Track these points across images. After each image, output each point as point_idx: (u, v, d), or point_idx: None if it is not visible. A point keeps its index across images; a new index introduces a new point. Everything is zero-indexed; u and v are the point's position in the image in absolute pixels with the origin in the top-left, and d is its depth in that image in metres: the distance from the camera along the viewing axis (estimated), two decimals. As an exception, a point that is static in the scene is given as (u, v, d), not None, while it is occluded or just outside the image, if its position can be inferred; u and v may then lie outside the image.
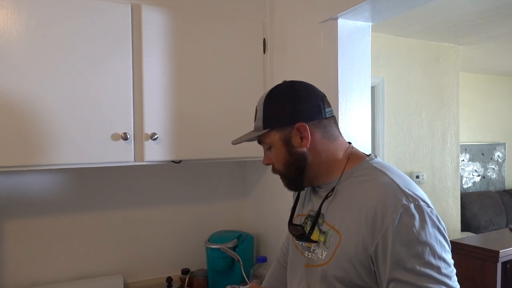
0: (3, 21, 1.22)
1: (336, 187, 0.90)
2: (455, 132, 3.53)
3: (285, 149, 0.91)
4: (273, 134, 0.92)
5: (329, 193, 0.90)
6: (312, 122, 0.90)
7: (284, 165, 0.93)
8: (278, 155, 0.93)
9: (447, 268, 0.76)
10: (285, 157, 0.92)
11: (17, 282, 1.53)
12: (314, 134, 0.90)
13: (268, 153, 0.96)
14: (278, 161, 0.94)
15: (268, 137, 0.93)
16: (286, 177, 0.95)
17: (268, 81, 1.65)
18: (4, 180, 1.52)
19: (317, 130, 0.91)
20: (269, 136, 0.93)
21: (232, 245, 1.68)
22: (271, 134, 0.92)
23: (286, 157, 0.92)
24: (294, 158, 0.91)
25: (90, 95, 1.33)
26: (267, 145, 0.95)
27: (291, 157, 0.91)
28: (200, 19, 1.52)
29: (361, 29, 1.38)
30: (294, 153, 0.91)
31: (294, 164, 0.92)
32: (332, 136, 0.93)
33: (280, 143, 0.91)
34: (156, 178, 1.78)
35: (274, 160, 0.95)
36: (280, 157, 0.93)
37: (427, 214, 0.78)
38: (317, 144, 0.91)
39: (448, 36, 3.22)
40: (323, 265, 0.87)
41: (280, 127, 0.91)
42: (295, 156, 0.91)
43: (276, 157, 0.94)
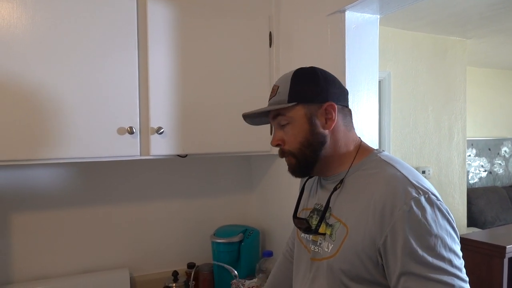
0: (8, 15, 1.21)
1: (344, 180, 0.89)
2: (462, 127, 3.50)
3: (307, 127, 0.88)
4: (298, 109, 0.88)
5: (337, 185, 0.89)
6: (338, 105, 0.89)
7: (301, 144, 0.88)
8: (297, 133, 0.88)
9: (458, 260, 0.76)
10: (305, 136, 0.88)
11: (24, 275, 1.54)
12: (338, 119, 0.89)
13: (280, 132, 0.91)
14: (295, 140, 0.89)
15: (292, 112, 0.88)
16: (298, 159, 0.90)
17: (274, 75, 1.64)
18: (11, 174, 1.52)
19: (340, 115, 0.90)
20: (293, 111, 0.88)
21: (237, 240, 1.68)
22: (296, 108, 0.88)
23: (306, 136, 0.88)
24: (314, 139, 0.88)
25: (95, 89, 1.32)
26: (285, 120, 0.89)
27: (311, 137, 0.88)
28: (205, 12, 1.51)
29: (369, 21, 1.36)
30: (316, 133, 0.88)
31: (312, 145, 0.88)
32: (349, 126, 0.93)
33: (304, 120, 0.88)
34: (162, 172, 1.78)
35: (289, 139, 0.89)
36: (299, 136, 0.88)
37: (437, 206, 0.77)
38: (337, 130, 0.90)
39: (455, 30, 3.18)
40: (329, 258, 0.86)
41: (307, 103, 0.88)
42: (316, 136, 0.88)
43: (293, 135, 0.89)
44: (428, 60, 3.31)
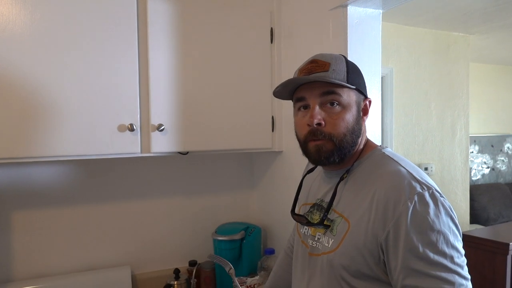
0: (8, 11, 1.20)
1: (348, 174, 0.89)
2: (464, 123, 3.48)
3: (356, 114, 0.87)
4: (353, 94, 0.86)
5: (344, 175, 0.89)
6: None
7: (346, 129, 0.84)
8: (347, 118, 0.84)
9: (460, 258, 0.75)
10: (352, 122, 0.85)
11: (24, 273, 1.53)
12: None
13: (321, 112, 0.83)
14: (342, 124, 0.83)
15: (349, 94, 0.85)
16: (336, 144, 0.84)
17: (275, 71, 1.63)
18: (11, 171, 1.51)
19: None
20: (349, 94, 0.85)
21: (239, 237, 1.68)
22: (351, 93, 0.86)
23: (353, 123, 0.86)
24: (358, 128, 0.88)
25: (96, 86, 1.31)
26: (338, 101, 0.83)
27: (356, 125, 0.87)
28: (206, 8, 1.49)
29: (371, 16, 1.34)
30: (360, 124, 0.89)
31: (355, 134, 0.86)
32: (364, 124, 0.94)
33: (355, 107, 0.87)
34: (163, 170, 1.77)
35: (336, 121, 0.83)
36: (347, 121, 0.84)
37: (441, 202, 0.77)
38: (364, 126, 0.92)
39: (458, 25, 3.16)
40: (329, 253, 0.85)
41: (360, 91, 0.89)
42: (359, 126, 0.88)
43: (342, 118, 0.84)
44: (430, 56, 3.29)
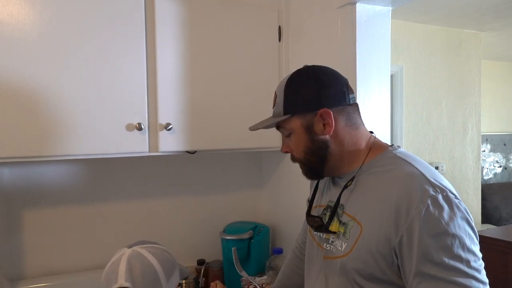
0: (17, 11, 1.21)
1: (356, 177, 0.87)
2: (476, 121, 3.43)
3: (306, 136, 0.87)
4: (294, 120, 0.88)
5: (348, 183, 0.87)
6: (335, 108, 0.86)
7: (304, 153, 0.89)
8: (299, 142, 0.89)
9: (477, 262, 0.73)
10: (306, 145, 0.88)
11: (34, 271, 1.55)
12: (338, 121, 0.86)
13: (287, 140, 0.92)
14: (298, 149, 0.90)
15: (289, 123, 0.89)
16: (306, 165, 0.91)
17: (284, 69, 1.62)
18: (22, 170, 1.53)
19: (341, 117, 0.87)
20: (290, 122, 0.88)
21: (247, 236, 1.67)
22: (292, 120, 0.88)
23: (307, 145, 0.88)
24: (316, 146, 0.87)
25: (104, 85, 1.32)
26: (287, 131, 0.91)
27: (312, 145, 0.87)
28: (213, 7, 1.49)
29: (380, 14, 1.33)
30: (316, 141, 0.87)
31: (316, 152, 0.88)
32: (355, 124, 0.90)
33: (302, 130, 0.87)
34: (171, 169, 1.78)
35: (294, 147, 0.91)
36: (300, 145, 0.89)
37: (456, 205, 0.75)
38: (340, 132, 0.87)
39: (470, 22, 3.11)
40: (343, 257, 0.84)
41: (302, 113, 0.87)
42: (317, 143, 0.87)
43: (296, 144, 0.90)
44: (441, 54, 3.24)
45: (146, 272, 0.91)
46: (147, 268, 0.92)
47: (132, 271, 0.90)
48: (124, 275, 0.90)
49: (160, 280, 0.93)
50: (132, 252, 0.95)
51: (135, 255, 0.94)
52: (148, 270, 0.92)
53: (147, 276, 0.91)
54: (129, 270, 0.90)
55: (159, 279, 0.93)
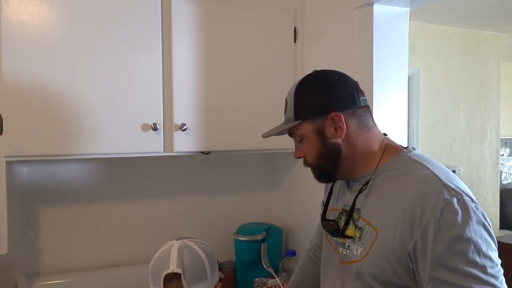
0: (37, 12, 1.24)
1: (371, 181, 0.85)
2: (495, 125, 3.36)
3: (318, 141, 0.87)
4: (305, 125, 0.88)
5: (363, 187, 0.86)
6: (346, 111, 0.85)
7: (316, 157, 0.89)
8: (311, 147, 0.89)
9: (494, 268, 0.71)
10: (318, 149, 0.88)
11: (51, 268, 1.57)
12: (349, 124, 0.86)
13: (300, 146, 0.92)
14: (310, 154, 0.90)
15: (300, 129, 0.89)
16: (318, 170, 0.91)
17: (299, 71, 1.61)
18: (40, 168, 1.56)
19: (352, 120, 0.86)
20: (301, 128, 0.89)
21: (260, 238, 1.67)
22: (303, 125, 0.88)
23: (319, 149, 0.87)
24: (328, 150, 0.87)
25: (121, 85, 1.34)
26: (299, 137, 0.91)
27: (324, 149, 0.87)
28: (229, 8, 1.49)
29: (398, 15, 1.31)
30: (328, 145, 0.86)
31: (328, 156, 0.87)
32: (367, 126, 0.88)
33: (313, 135, 0.87)
34: (185, 169, 1.79)
35: (306, 152, 0.91)
36: (312, 149, 0.89)
37: (472, 209, 0.73)
38: (352, 135, 0.86)
39: (489, 24, 3.05)
40: (358, 262, 0.83)
41: (312, 118, 0.87)
42: (328, 147, 0.86)
43: (308, 149, 0.90)
44: (459, 56, 3.19)
45: (195, 263, 0.96)
46: (196, 259, 0.97)
47: (183, 260, 0.95)
48: (176, 262, 0.95)
49: (206, 272, 0.97)
50: (182, 243, 0.99)
51: (185, 246, 0.99)
52: (197, 262, 0.96)
53: (196, 266, 0.96)
54: (180, 258, 0.95)
55: (205, 271, 0.97)
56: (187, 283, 0.94)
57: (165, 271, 0.94)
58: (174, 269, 0.93)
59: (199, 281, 0.95)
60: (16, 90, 1.22)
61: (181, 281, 0.93)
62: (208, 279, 0.97)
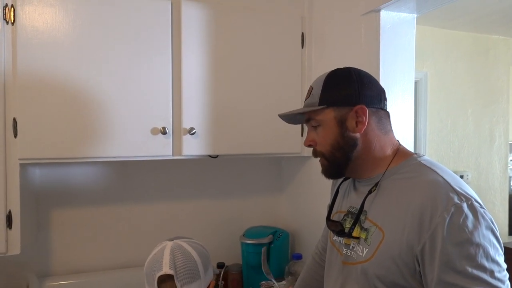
0: (51, 19, 1.27)
1: (379, 183, 0.87)
2: (504, 130, 3.33)
3: (337, 130, 0.87)
4: (328, 112, 0.87)
5: (372, 188, 0.86)
6: (371, 109, 0.87)
7: (331, 147, 0.88)
8: (328, 135, 0.88)
9: (501, 272, 0.72)
10: (335, 139, 0.87)
11: (62, 268, 1.60)
12: (370, 122, 0.87)
13: (313, 134, 0.91)
14: (326, 142, 0.89)
15: (321, 114, 0.88)
16: (329, 161, 0.90)
17: (306, 76, 1.62)
18: (52, 171, 1.59)
19: (374, 118, 0.88)
20: (323, 113, 0.88)
21: (267, 241, 1.68)
22: (326, 111, 0.87)
23: (337, 139, 0.87)
24: (345, 142, 0.87)
25: (131, 91, 1.36)
26: (316, 123, 0.89)
27: (341, 140, 0.87)
28: (237, 14, 1.52)
29: (405, 21, 1.32)
30: (346, 137, 0.87)
31: (343, 148, 0.87)
32: (385, 129, 0.90)
33: (334, 123, 0.87)
34: (193, 173, 1.81)
35: (321, 140, 0.89)
36: (329, 138, 0.88)
37: (481, 214, 0.74)
38: (370, 133, 0.87)
39: (498, 28, 3.03)
40: (364, 263, 0.84)
41: (337, 106, 0.87)
42: (346, 139, 0.87)
43: (324, 137, 0.89)
44: (468, 60, 3.17)
45: (188, 263, 0.97)
46: (189, 259, 0.98)
47: (175, 261, 0.97)
48: (168, 263, 0.96)
49: (199, 272, 0.98)
50: (174, 244, 1.01)
51: (177, 246, 1.00)
52: (189, 262, 0.98)
53: (189, 267, 0.97)
54: (172, 260, 0.97)
55: (198, 270, 0.98)
56: (180, 283, 0.96)
57: (158, 272, 0.96)
58: (167, 271, 0.95)
59: (192, 280, 0.97)
60: (30, 95, 1.26)
61: (174, 282, 0.95)
62: (201, 278, 0.99)
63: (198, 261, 0.99)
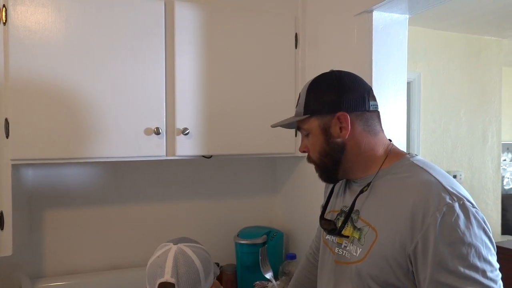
0: (44, 19, 1.26)
1: (372, 183, 0.87)
2: (496, 130, 3.36)
3: (322, 138, 0.89)
4: (312, 121, 0.90)
5: (364, 188, 0.87)
6: (354, 113, 0.87)
7: (319, 154, 0.91)
8: (315, 143, 0.91)
9: (493, 272, 0.73)
10: (321, 146, 0.90)
11: (55, 270, 1.59)
12: (355, 126, 0.88)
13: (306, 141, 0.94)
14: (314, 150, 0.92)
15: (307, 124, 0.91)
16: (320, 167, 0.93)
17: (300, 76, 1.63)
18: (44, 171, 1.58)
19: (358, 122, 0.88)
20: (308, 123, 0.91)
21: (261, 241, 1.68)
22: (310, 120, 0.90)
23: (323, 146, 0.89)
24: (331, 148, 0.89)
25: (124, 91, 1.36)
26: (305, 131, 0.93)
27: (327, 147, 0.89)
28: (231, 15, 1.52)
29: (397, 21, 1.33)
30: (331, 143, 0.88)
31: (330, 154, 0.89)
32: (373, 130, 0.90)
33: (319, 131, 0.89)
34: (187, 173, 1.81)
35: (311, 148, 0.93)
36: (316, 146, 0.91)
37: (473, 214, 0.74)
38: (356, 136, 0.88)
39: (490, 29, 3.06)
40: (357, 263, 0.84)
41: (320, 114, 0.89)
42: (332, 145, 0.88)
43: (312, 145, 0.92)
44: (460, 61, 3.20)
45: (190, 272, 0.96)
46: (191, 267, 0.96)
47: (178, 268, 0.95)
48: (170, 271, 0.94)
49: (200, 280, 0.97)
50: (178, 249, 0.99)
51: (181, 252, 0.98)
52: (192, 270, 0.96)
53: (191, 275, 0.96)
54: (175, 267, 0.95)
55: (199, 278, 0.97)
56: None
57: (160, 279, 0.94)
58: (168, 279, 0.94)
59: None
60: (22, 95, 1.25)
61: None
62: (202, 285, 0.98)
63: (200, 269, 0.97)
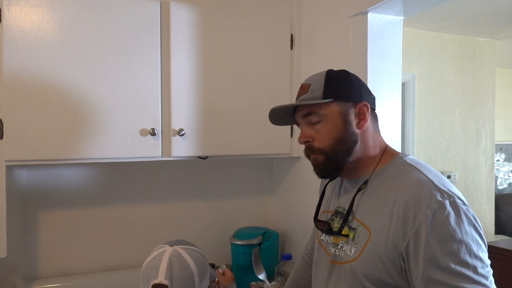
0: (38, 19, 1.26)
1: (367, 182, 0.88)
2: (490, 130, 3.39)
3: (341, 125, 0.86)
4: (333, 106, 0.87)
5: (361, 186, 0.88)
6: (371, 107, 0.91)
7: (334, 140, 0.86)
8: (331, 129, 0.86)
9: (484, 268, 0.74)
10: (339, 133, 0.86)
11: (49, 271, 1.58)
12: (369, 120, 0.90)
13: (309, 130, 0.89)
14: (328, 136, 0.86)
15: (324, 109, 0.86)
16: (329, 156, 0.87)
17: (295, 77, 1.64)
18: (39, 173, 1.57)
19: (371, 118, 0.90)
20: (328, 108, 0.86)
21: (257, 242, 1.68)
22: (331, 105, 0.86)
23: (340, 133, 0.86)
24: (348, 137, 0.86)
25: (120, 92, 1.36)
26: (318, 117, 0.87)
27: (345, 135, 0.86)
28: (227, 15, 1.52)
29: (392, 23, 1.34)
30: (349, 132, 0.87)
31: (345, 143, 0.86)
32: (377, 129, 0.93)
33: (338, 117, 0.86)
34: (183, 174, 1.81)
35: (322, 135, 0.87)
36: (332, 132, 0.86)
37: (463, 211, 0.75)
38: (368, 131, 0.90)
39: (484, 30, 3.09)
40: (352, 262, 0.85)
41: (343, 100, 0.87)
42: (349, 134, 0.87)
43: (327, 131, 0.86)
44: (454, 62, 3.22)
45: (184, 274, 0.95)
46: (186, 270, 0.96)
47: (172, 270, 0.94)
48: (164, 272, 0.94)
49: (194, 283, 0.96)
50: (173, 252, 0.98)
51: (176, 255, 0.97)
52: (186, 273, 0.96)
53: (185, 278, 0.95)
54: (169, 269, 0.94)
55: (193, 281, 0.96)
56: None
57: (154, 280, 0.94)
58: (162, 281, 0.93)
59: None
60: (17, 96, 1.24)
61: None
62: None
63: (195, 273, 0.97)
